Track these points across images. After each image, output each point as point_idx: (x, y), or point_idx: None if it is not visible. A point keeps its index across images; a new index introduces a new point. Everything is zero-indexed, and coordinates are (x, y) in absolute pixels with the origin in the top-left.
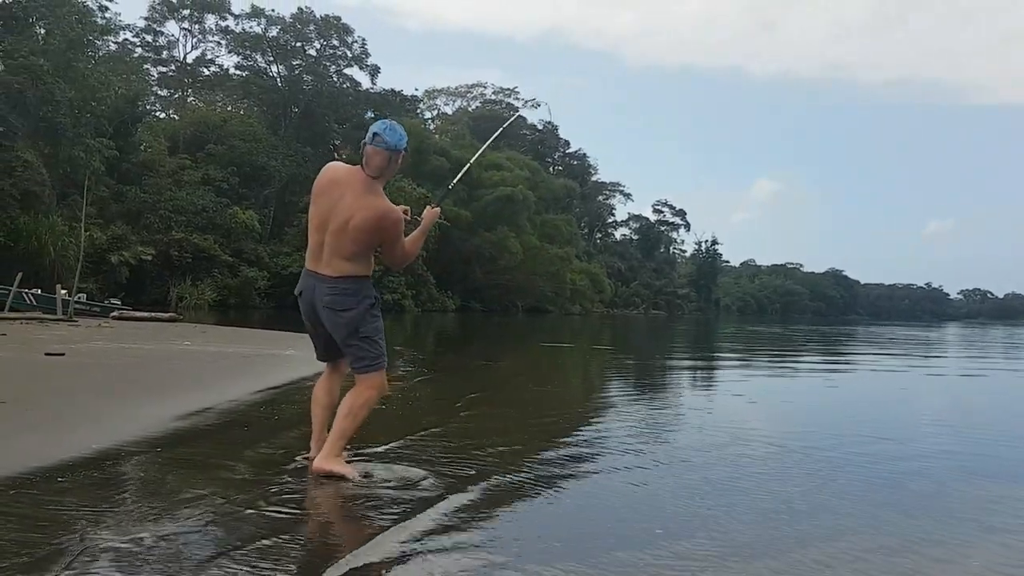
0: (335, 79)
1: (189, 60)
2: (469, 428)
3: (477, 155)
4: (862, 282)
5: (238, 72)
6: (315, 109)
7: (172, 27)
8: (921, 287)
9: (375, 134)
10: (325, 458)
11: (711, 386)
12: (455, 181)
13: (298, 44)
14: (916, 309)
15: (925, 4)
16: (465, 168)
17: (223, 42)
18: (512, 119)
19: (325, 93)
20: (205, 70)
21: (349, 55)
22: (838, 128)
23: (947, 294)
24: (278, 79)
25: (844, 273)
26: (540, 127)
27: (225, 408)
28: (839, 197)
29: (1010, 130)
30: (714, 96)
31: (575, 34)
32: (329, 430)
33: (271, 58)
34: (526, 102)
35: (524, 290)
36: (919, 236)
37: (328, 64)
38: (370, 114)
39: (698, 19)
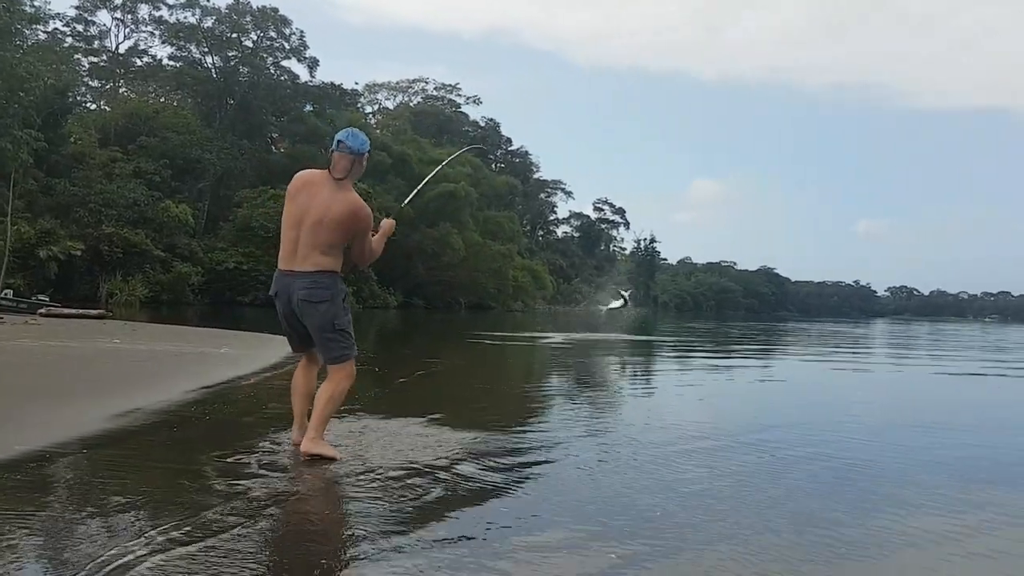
0: (272, 71)
1: (121, 50)
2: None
3: (431, 175)
4: (793, 280)
5: (172, 63)
6: (251, 101)
7: (104, 16)
8: (850, 284)
9: (339, 141)
10: (312, 441)
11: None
12: (410, 198)
13: (234, 35)
14: (845, 306)
15: (867, 11)
16: (419, 187)
17: (156, 32)
18: (471, 148)
19: (262, 85)
20: (138, 60)
21: (287, 47)
22: (777, 130)
23: (875, 291)
24: (213, 70)
25: (776, 271)
26: (483, 124)
27: (156, 408)
28: (774, 197)
29: (942, 134)
30: (658, 98)
31: (522, 33)
32: (308, 416)
33: (206, 49)
34: (468, 99)
35: (467, 287)
36: (849, 235)
37: (265, 56)
38: (309, 107)
39: (645, 23)
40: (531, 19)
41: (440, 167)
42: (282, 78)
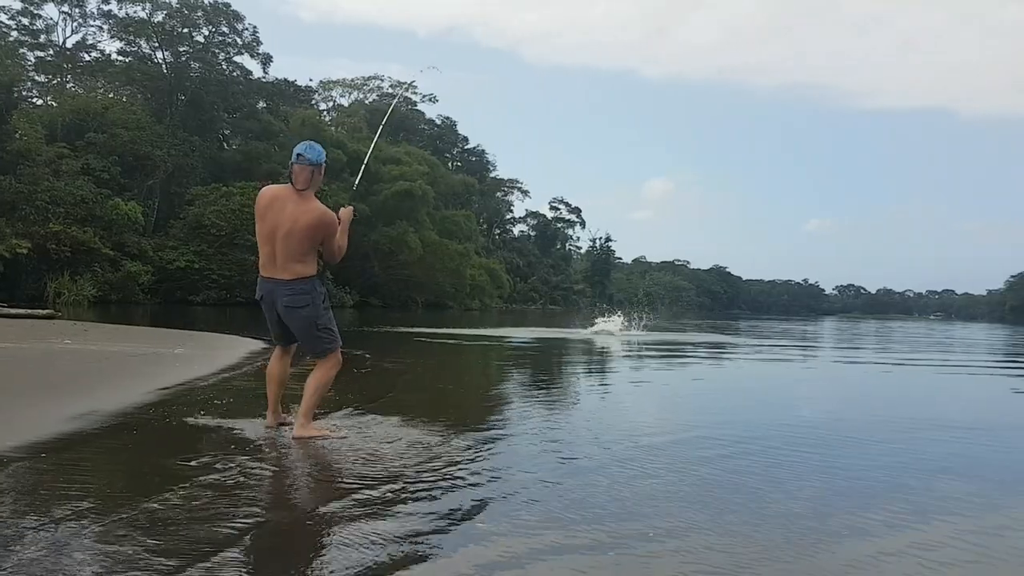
0: (224, 67)
1: (69, 45)
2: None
3: (372, 147)
4: (744, 278)
5: (121, 58)
6: (203, 97)
7: (51, 10)
8: (799, 283)
9: (298, 155)
10: (302, 428)
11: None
12: (358, 179)
13: (185, 30)
14: (794, 304)
15: (811, 13)
16: (364, 164)
17: (105, 27)
18: (395, 100)
19: (213, 81)
20: (86, 55)
21: (239, 43)
22: (727, 130)
23: (823, 290)
24: (164, 66)
25: (728, 270)
26: (439, 122)
27: (112, 411)
28: (726, 197)
29: (886, 134)
30: (610, 97)
31: (477, 32)
32: (281, 403)
33: (156, 44)
34: (424, 96)
35: (423, 286)
36: (799, 234)
37: (217, 51)
38: (262, 104)
39: (596, 22)
40: (485, 18)
41: (380, 128)
42: (234, 74)
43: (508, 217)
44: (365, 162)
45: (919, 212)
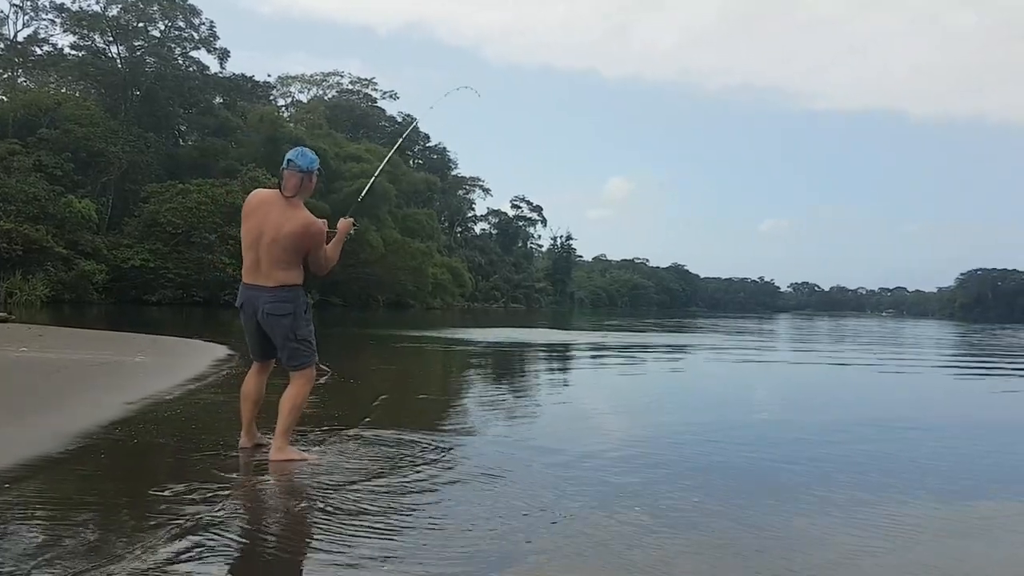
0: (180, 62)
1: (19, 38)
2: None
3: (381, 166)
4: (702, 276)
5: (74, 52)
6: (158, 93)
7: (1, 3)
8: (755, 281)
9: (289, 160)
10: (279, 450)
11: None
12: (363, 194)
13: (140, 24)
14: (750, 301)
15: (770, 14)
16: (370, 183)
17: (58, 20)
18: (411, 128)
19: (169, 76)
20: (37, 49)
21: (196, 37)
22: (685, 130)
23: (778, 287)
24: (118, 60)
25: (686, 268)
26: (399, 120)
27: (77, 431)
28: (684, 196)
29: (839, 135)
30: (571, 97)
31: (437, 29)
32: (255, 423)
33: (110, 38)
34: (384, 93)
35: (385, 284)
36: (755, 233)
37: (173, 46)
38: (219, 99)
39: (556, 22)
40: (446, 15)
41: (389, 155)
42: (191, 69)
43: (470, 215)
44: (372, 179)
45: (871, 211)
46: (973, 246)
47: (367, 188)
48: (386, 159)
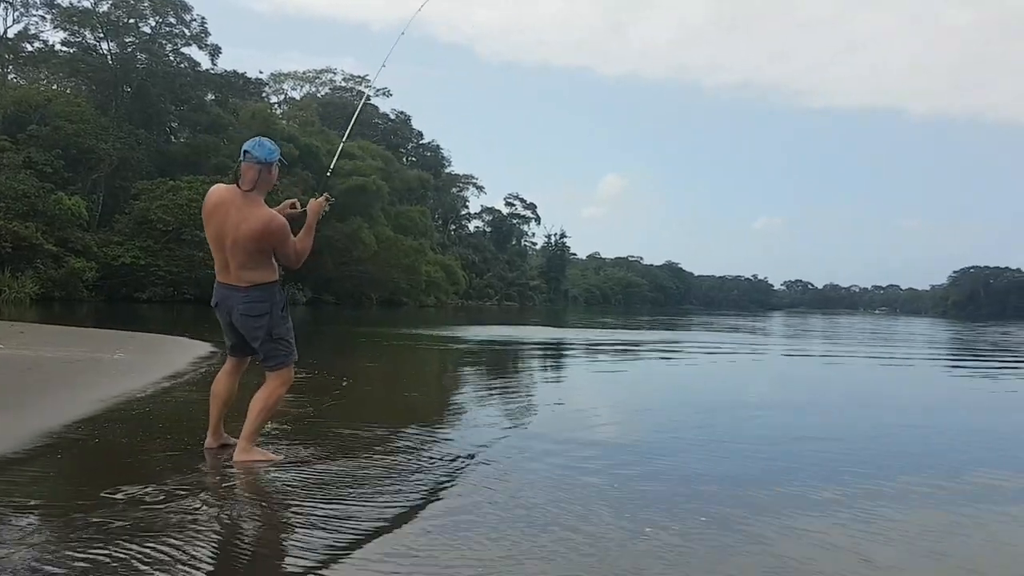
0: (172, 58)
1: (10, 35)
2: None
3: (344, 137)
4: (696, 274)
5: (65, 49)
6: (149, 89)
7: None
8: (749, 279)
9: (245, 151)
10: (244, 451)
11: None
12: (331, 168)
13: (131, 20)
14: (744, 299)
15: (765, 12)
16: (337, 155)
17: (48, 16)
18: (362, 104)
19: (160, 73)
20: (28, 46)
21: (187, 33)
22: (680, 128)
23: (772, 285)
24: (109, 57)
25: (680, 266)
26: (393, 117)
27: (38, 430)
28: (678, 193)
29: (834, 133)
30: (566, 95)
31: (432, 26)
32: (223, 422)
33: (101, 35)
34: (378, 90)
35: (378, 282)
36: (749, 231)
37: (164, 42)
38: (210, 96)
39: (552, 20)
40: (442, 13)
41: (349, 128)
42: (182, 65)
43: (463, 213)
44: (339, 151)
45: (865, 209)
46: (967, 244)
47: (335, 159)
48: (350, 127)
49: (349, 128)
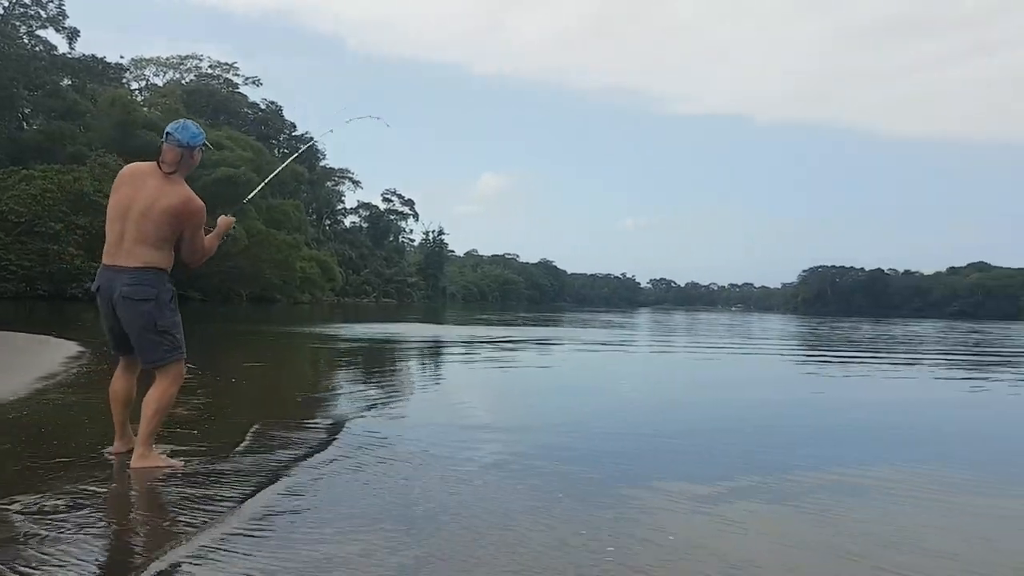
0: (26, 40)
1: None
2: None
3: (275, 173)
4: (569, 272)
5: None
6: (0, 73)
7: None
8: (618, 277)
9: (168, 133)
10: (142, 458)
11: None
12: (251, 196)
13: None
14: (614, 296)
15: (636, 17)
16: (261, 184)
17: None
18: (309, 144)
19: (13, 56)
20: None
21: (43, 15)
22: (553, 129)
23: (639, 283)
24: None
25: (554, 263)
26: (263, 107)
27: None
28: (553, 193)
29: (695, 137)
30: (441, 91)
31: (300, 15)
32: (131, 425)
33: None
34: (247, 79)
35: (249, 278)
36: (618, 231)
37: (18, 24)
38: (67, 81)
39: (426, 15)
40: (310, 2)
41: (294, 157)
42: (37, 48)
43: (339, 208)
44: (265, 181)
45: (723, 210)
46: (816, 245)
47: (254, 192)
48: (281, 167)
49: (281, 168)
